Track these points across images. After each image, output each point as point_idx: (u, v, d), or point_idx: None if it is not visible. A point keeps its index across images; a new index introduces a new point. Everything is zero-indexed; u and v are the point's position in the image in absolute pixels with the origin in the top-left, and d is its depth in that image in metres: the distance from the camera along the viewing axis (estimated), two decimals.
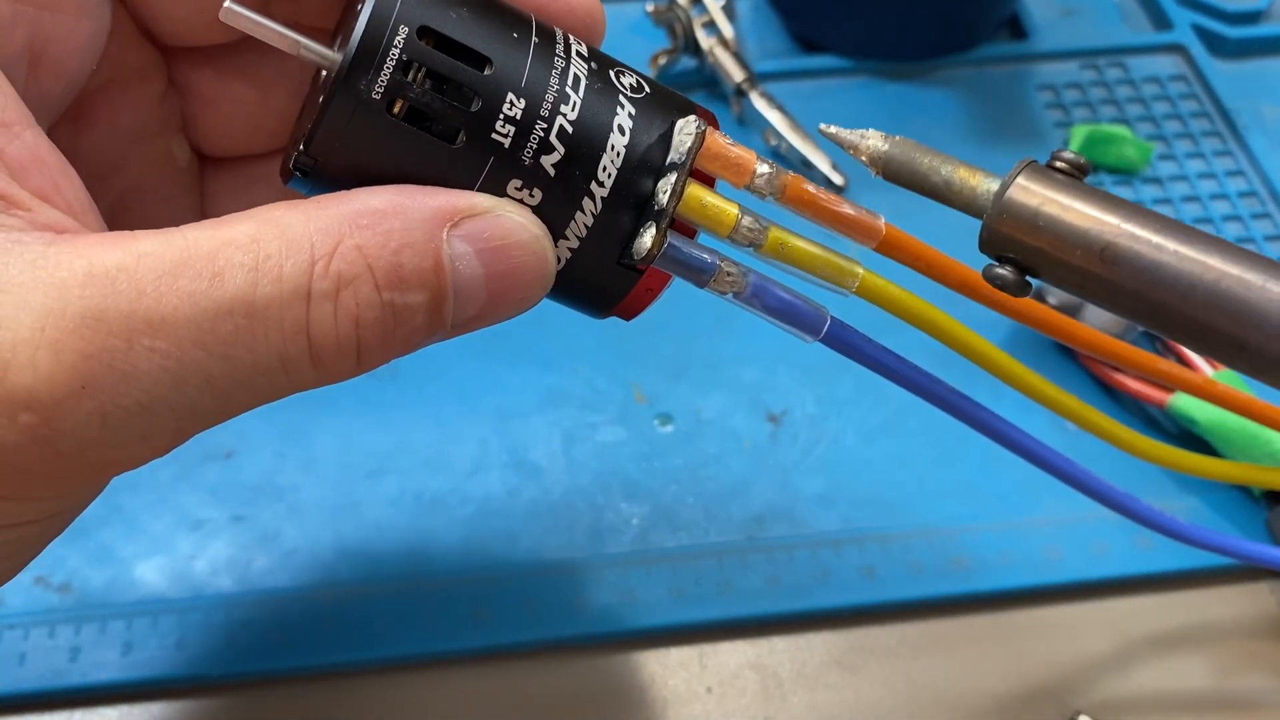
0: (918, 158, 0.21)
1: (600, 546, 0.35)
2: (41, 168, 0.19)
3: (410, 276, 0.19)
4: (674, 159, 0.21)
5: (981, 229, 0.21)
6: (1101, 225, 0.19)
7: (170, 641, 0.33)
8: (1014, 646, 0.34)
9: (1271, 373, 0.19)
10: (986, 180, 0.21)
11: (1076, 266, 0.20)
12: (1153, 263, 0.19)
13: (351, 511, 0.36)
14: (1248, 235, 0.44)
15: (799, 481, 0.37)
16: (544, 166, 0.21)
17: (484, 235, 0.20)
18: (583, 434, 0.38)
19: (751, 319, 0.41)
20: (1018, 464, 0.37)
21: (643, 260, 0.21)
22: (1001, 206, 0.20)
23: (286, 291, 0.19)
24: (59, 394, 0.17)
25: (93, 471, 0.19)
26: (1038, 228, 0.20)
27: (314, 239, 0.19)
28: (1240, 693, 0.33)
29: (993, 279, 0.21)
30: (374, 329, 0.19)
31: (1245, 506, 0.36)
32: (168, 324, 0.18)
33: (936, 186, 0.21)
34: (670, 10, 0.48)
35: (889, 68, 0.50)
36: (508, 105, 0.20)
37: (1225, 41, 0.51)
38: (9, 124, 0.19)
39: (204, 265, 0.18)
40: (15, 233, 0.18)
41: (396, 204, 0.19)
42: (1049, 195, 0.20)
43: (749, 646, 0.34)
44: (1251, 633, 0.34)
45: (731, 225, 0.21)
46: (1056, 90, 0.49)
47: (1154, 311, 0.19)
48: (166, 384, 0.18)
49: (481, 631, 0.33)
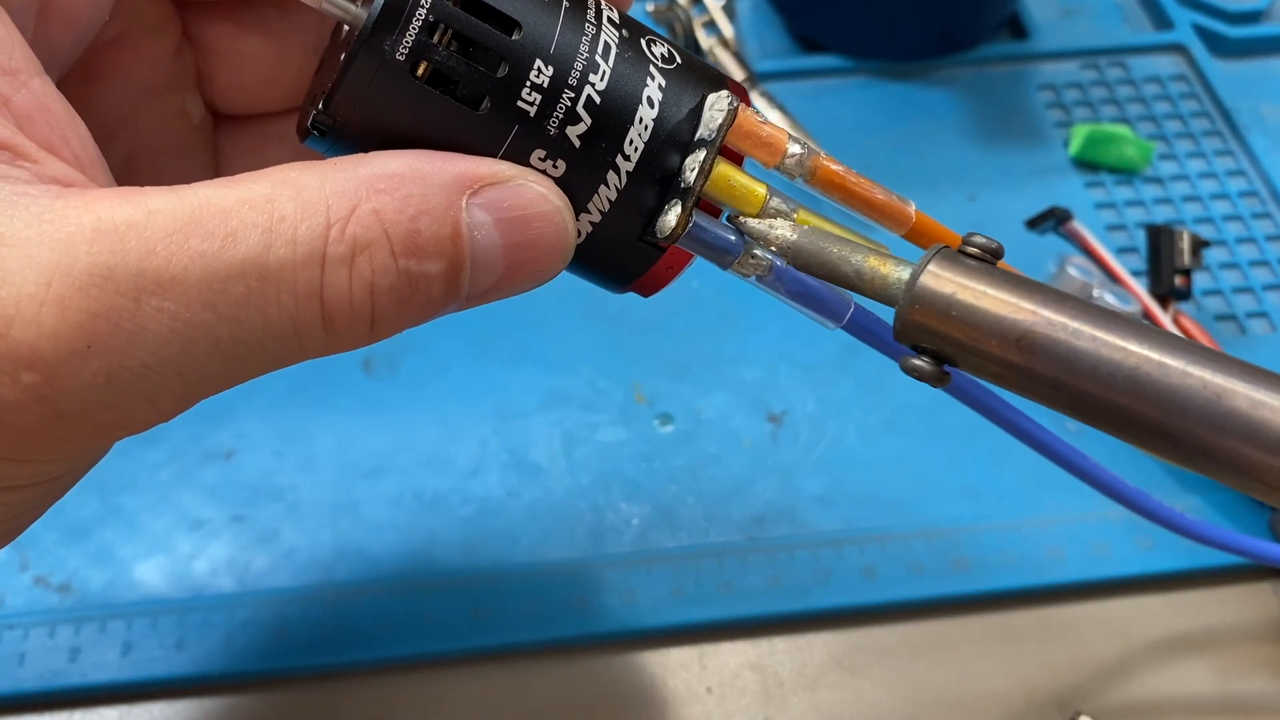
0: (827, 247, 0.21)
1: (600, 547, 0.35)
2: (49, 118, 0.19)
3: (427, 244, 0.19)
4: (704, 135, 0.21)
5: (894, 319, 0.20)
6: (1018, 312, 0.19)
7: (170, 641, 0.33)
8: (1015, 647, 0.34)
9: (1196, 460, 0.18)
10: (898, 269, 0.20)
11: (994, 355, 0.19)
12: (1070, 350, 0.18)
13: (351, 511, 0.36)
14: (1248, 235, 0.44)
15: (799, 481, 0.37)
16: (569, 137, 0.20)
17: (504, 204, 0.19)
18: (583, 434, 0.38)
19: (752, 319, 0.41)
20: (1019, 464, 0.37)
21: (666, 239, 0.21)
22: (914, 296, 0.19)
23: (300, 255, 0.18)
24: (63, 352, 0.17)
25: (96, 434, 0.19)
26: (951, 317, 0.19)
27: (330, 202, 0.18)
28: (1241, 693, 0.33)
29: (909, 370, 0.20)
30: (389, 296, 0.19)
31: (1247, 507, 0.36)
32: (177, 284, 0.17)
33: (848, 276, 0.20)
34: (670, 10, 0.48)
35: (889, 67, 0.50)
36: (535, 72, 0.20)
37: (1226, 41, 0.51)
38: (15, 71, 0.18)
39: (216, 225, 0.18)
40: (21, 185, 0.18)
41: (415, 169, 0.19)
42: (962, 282, 0.19)
43: (749, 647, 0.34)
44: (1252, 633, 0.34)
45: (760, 205, 0.21)
46: (1057, 90, 0.49)
47: (1075, 400, 0.19)
48: (174, 346, 0.18)
49: (482, 632, 0.33)
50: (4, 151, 0.18)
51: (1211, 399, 0.18)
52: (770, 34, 0.51)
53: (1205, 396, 0.18)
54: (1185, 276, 0.40)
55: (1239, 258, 0.43)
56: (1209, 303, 0.42)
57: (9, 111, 0.18)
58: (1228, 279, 0.43)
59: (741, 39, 0.50)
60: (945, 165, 0.46)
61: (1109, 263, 0.41)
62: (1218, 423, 0.18)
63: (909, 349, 0.20)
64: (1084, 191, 0.45)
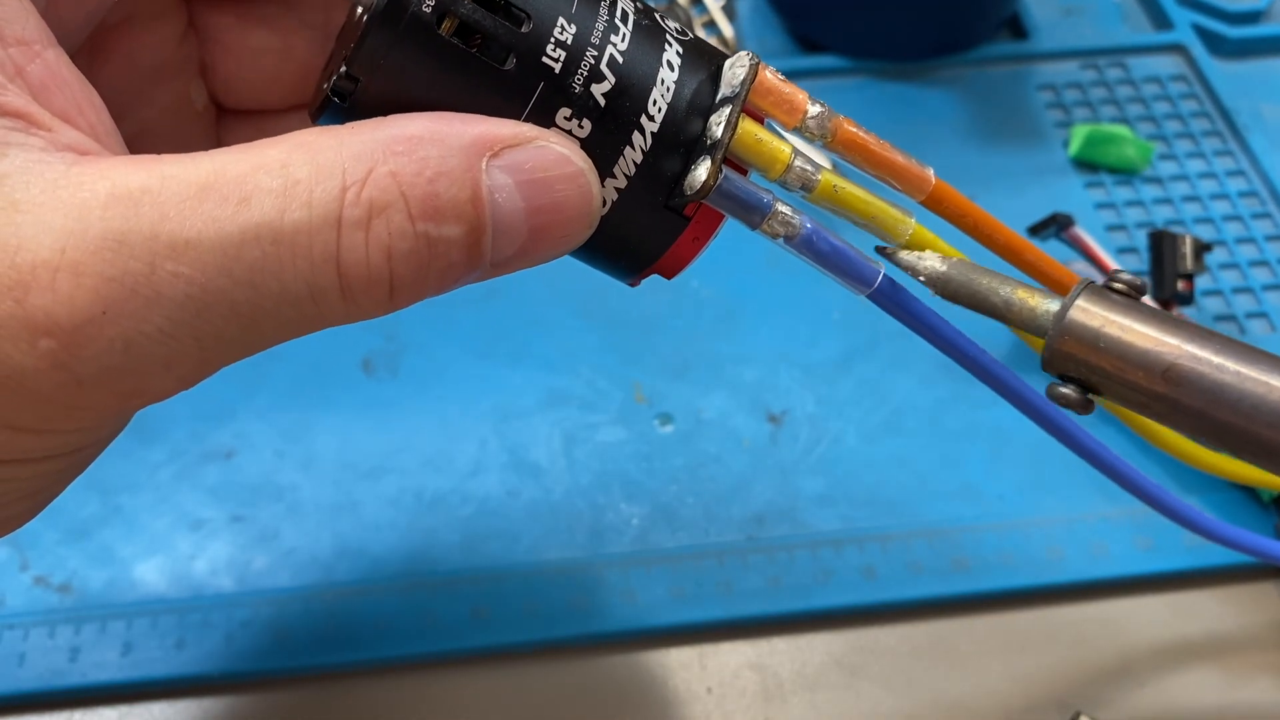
0: (975, 279, 0.22)
1: (600, 546, 0.35)
2: (63, 88, 0.19)
3: (446, 207, 0.19)
4: (726, 93, 0.21)
5: (1044, 348, 0.21)
6: (1162, 346, 0.20)
7: (170, 641, 0.33)
8: (1014, 647, 0.34)
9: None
10: (1045, 301, 0.21)
11: (1139, 386, 0.20)
12: (1215, 383, 0.20)
13: (351, 511, 0.36)
14: (1248, 235, 0.44)
15: (799, 481, 0.37)
16: (594, 95, 0.20)
17: (526, 166, 0.19)
18: (583, 434, 0.38)
19: (752, 319, 0.41)
20: (1019, 464, 0.37)
21: (697, 193, 0.20)
22: (1063, 328, 0.21)
23: (316, 218, 0.18)
24: (79, 318, 0.17)
25: (116, 401, 0.19)
26: (1099, 349, 0.21)
27: (346, 165, 0.18)
28: (1242, 694, 0.33)
29: (1056, 398, 0.21)
30: (407, 261, 0.19)
31: (1251, 510, 0.36)
32: (192, 248, 0.17)
33: (996, 307, 0.21)
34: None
35: (889, 67, 0.50)
36: (558, 29, 0.20)
37: (1225, 41, 0.51)
38: (29, 42, 0.18)
39: (231, 189, 0.18)
40: (36, 152, 0.18)
41: (434, 130, 0.19)
42: (1109, 317, 0.21)
43: (749, 647, 0.34)
44: (1254, 633, 0.34)
45: (785, 164, 0.21)
46: (1057, 90, 0.49)
47: (1219, 430, 0.20)
48: (190, 310, 0.18)
49: (481, 632, 0.33)
50: (18, 120, 0.18)
51: None
52: (770, 34, 0.51)
53: None
54: (1188, 281, 0.40)
55: (1239, 258, 0.43)
56: (1208, 303, 0.42)
57: (24, 81, 0.18)
58: (1227, 279, 0.43)
59: (741, 39, 0.50)
60: (945, 165, 0.45)
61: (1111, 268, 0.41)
62: None
63: (1055, 377, 0.21)
64: (1084, 192, 0.45)
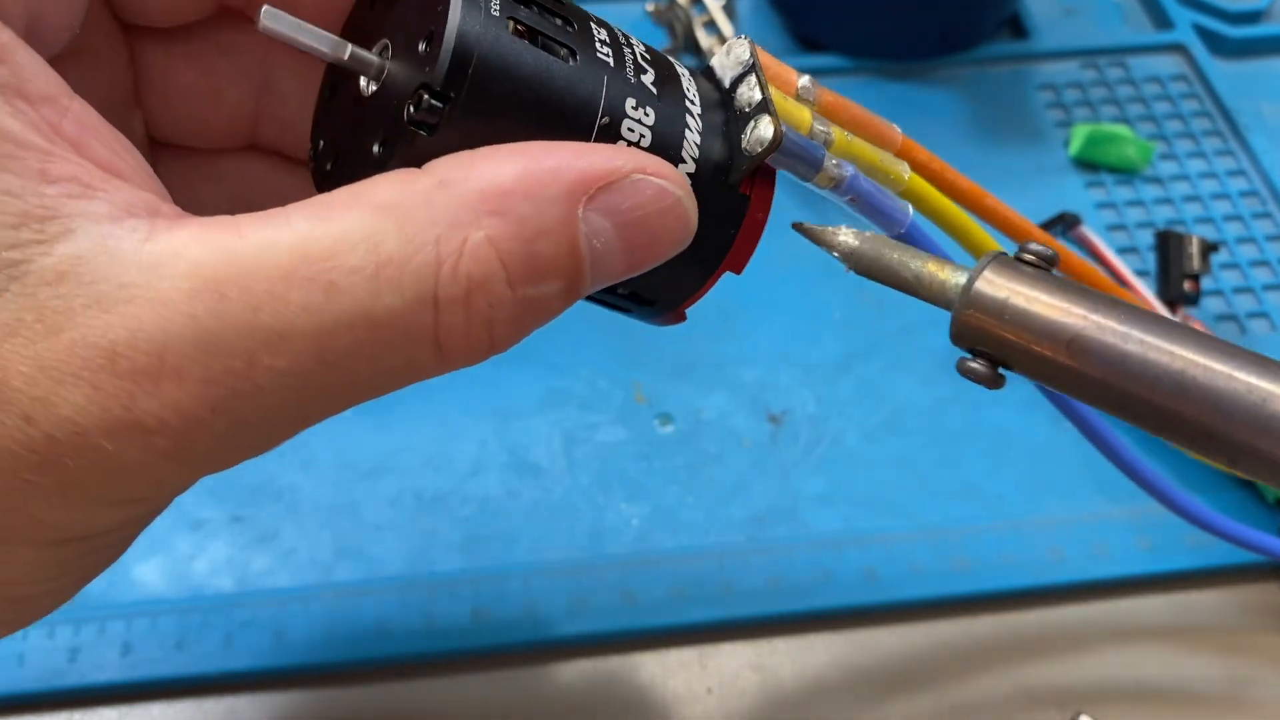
0: (886, 253, 0.21)
1: (600, 547, 0.35)
2: (99, 137, 0.18)
3: (545, 266, 0.18)
4: (739, 70, 0.22)
5: (951, 322, 0.21)
6: (1068, 317, 0.20)
7: (169, 641, 0.33)
8: (1016, 647, 0.34)
9: (1241, 461, 0.19)
10: (955, 274, 0.21)
11: (1044, 358, 0.20)
12: (1120, 354, 0.19)
13: (351, 511, 0.36)
14: (1249, 235, 0.44)
15: (800, 482, 0.37)
16: (646, 84, 0.20)
17: (624, 207, 0.18)
18: (583, 434, 0.38)
19: (752, 319, 0.41)
20: (1019, 465, 0.37)
21: (768, 148, 0.20)
22: (968, 300, 0.20)
23: (410, 301, 0.17)
24: (188, 419, 0.17)
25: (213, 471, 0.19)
26: (1004, 320, 0.20)
27: (439, 234, 0.17)
28: (1243, 693, 0.33)
29: (965, 372, 0.21)
30: (507, 325, 0.18)
31: (1255, 511, 0.36)
32: (286, 341, 0.17)
33: (907, 281, 0.21)
34: (670, 10, 0.48)
35: (889, 67, 0.50)
36: (596, 28, 0.20)
37: (1226, 41, 0.51)
38: (54, 97, 0.18)
39: (317, 272, 0.17)
40: (104, 225, 0.17)
41: (527, 178, 0.18)
42: (1015, 288, 0.20)
43: (749, 648, 0.34)
44: (1255, 634, 0.34)
45: (809, 124, 0.22)
46: (1057, 90, 0.49)
47: (1122, 402, 0.19)
48: (290, 398, 0.18)
49: (481, 632, 0.33)
50: (73, 184, 0.17)
51: (1257, 403, 0.18)
52: (770, 34, 0.51)
53: (1250, 400, 0.18)
54: (1194, 281, 0.40)
55: (1239, 258, 0.43)
56: (1209, 303, 0.42)
57: (64, 140, 0.18)
58: (1228, 279, 0.43)
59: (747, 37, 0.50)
60: None
61: (1118, 267, 0.41)
62: (1261, 425, 0.18)
63: (965, 351, 0.21)
64: (1084, 192, 0.45)
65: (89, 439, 0.17)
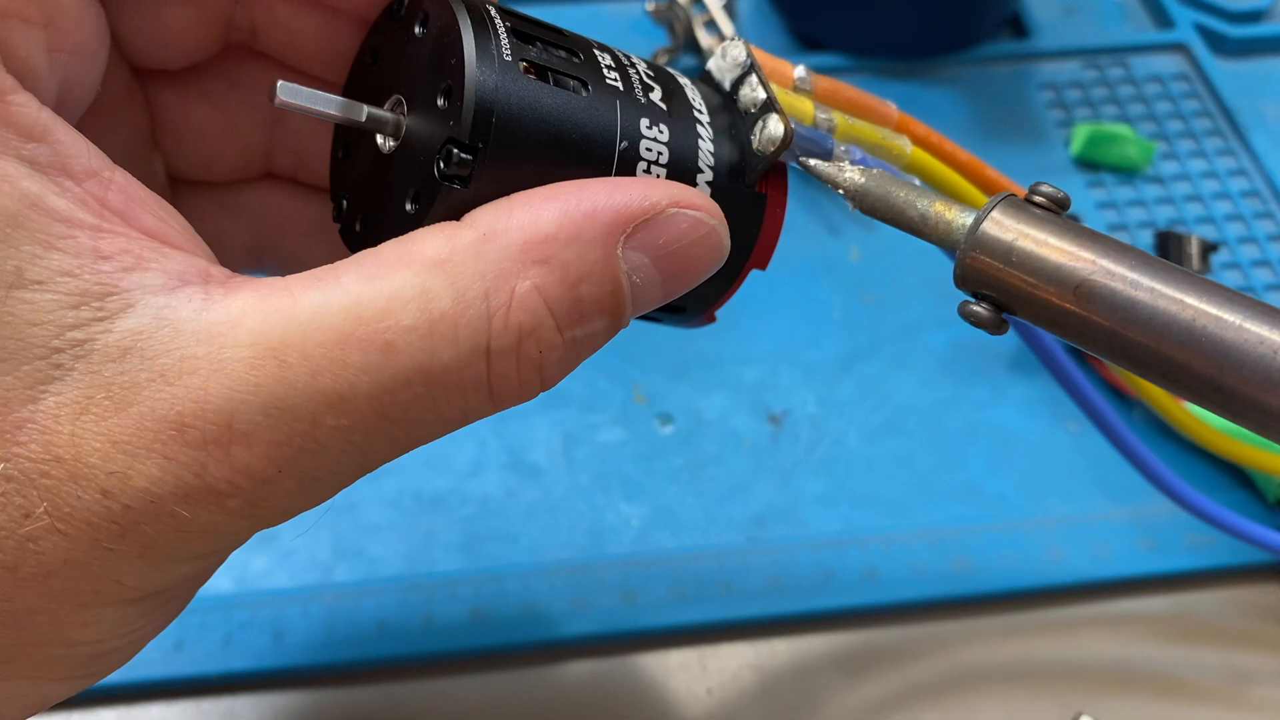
0: (893, 191, 0.21)
1: (600, 547, 0.35)
2: (143, 205, 0.19)
3: (590, 307, 0.19)
4: (738, 72, 0.22)
5: (955, 264, 0.20)
6: (1076, 261, 0.19)
7: (169, 642, 0.33)
8: (1016, 648, 0.34)
9: (1248, 415, 0.18)
10: (962, 215, 0.20)
11: (1050, 303, 0.19)
12: (1127, 300, 0.18)
13: (350, 511, 0.36)
14: (1250, 234, 0.44)
15: (800, 482, 0.37)
16: (655, 102, 0.20)
17: (660, 242, 0.19)
18: (583, 434, 0.38)
19: (752, 319, 0.41)
20: (1019, 465, 0.37)
21: (780, 145, 0.21)
22: (975, 241, 0.20)
23: (464, 353, 0.18)
24: (258, 480, 0.18)
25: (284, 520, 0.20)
26: (1011, 263, 0.19)
27: (488, 287, 0.18)
28: (1244, 693, 0.33)
29: (968, 315, 0.20)
30: (557, 366, 0.19)
31: (1256, 510, 0.36)
32: (347, 401, 0.18)
33: (913, 220, 0.21)
34: (670, 9, 0.48)
35: (890, 66, 0.50)
36: (599, 53, 0.20)
37: (1227, 40, 0.51)
38: (96, 171, 0.18)
39: (374, 333, 0.17)
40: (161, 296, 0.17)
41: (566, 222, 0.18)
42: (1024, 230, 0.19)
43: (749, 648, 0.34)
44: (1256, 634, 0.34)
45: (812, 114, 0.22)
46: (1058, 89, 0.49)
47: (1128, 350, 0.19)
48: (353, 451, 0.18)
49: (481, 632, 0.33)
50: (127, 257, 0.18)
51: (1267, 355, 0.18)
52: (770, 33, 0.51)
53: (1261, 352, 0.18)
54: None
55: (1240, 258, 0.43)
56: None
57: (112, 213, 0.18)
58: (1229, 279, 0.43)
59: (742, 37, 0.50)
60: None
61: None
62: (1273, 379, 0.18)
63: (969, 295, 0.20)
64: (1085, 191, 0.45)
65: (164, 506, 0.17)
